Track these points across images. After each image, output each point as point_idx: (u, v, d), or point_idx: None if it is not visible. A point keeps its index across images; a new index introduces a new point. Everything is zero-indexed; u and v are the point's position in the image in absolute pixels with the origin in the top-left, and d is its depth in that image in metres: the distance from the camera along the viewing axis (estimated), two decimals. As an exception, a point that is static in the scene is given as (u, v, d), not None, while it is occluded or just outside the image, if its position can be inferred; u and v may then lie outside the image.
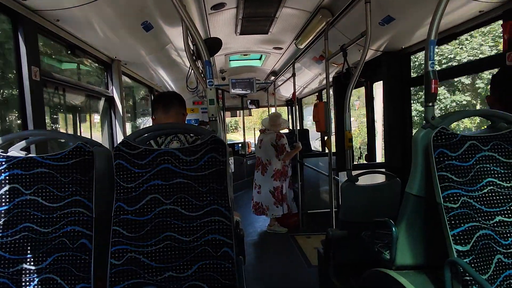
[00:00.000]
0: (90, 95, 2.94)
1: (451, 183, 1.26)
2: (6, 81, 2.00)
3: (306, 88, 6.04)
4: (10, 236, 1.20)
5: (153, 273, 1.22)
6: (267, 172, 4.59)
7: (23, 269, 1.18)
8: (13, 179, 1.24)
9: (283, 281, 3.17)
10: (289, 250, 3.97)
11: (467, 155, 1.30)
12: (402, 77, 3.11)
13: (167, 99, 1.89)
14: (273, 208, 4.56)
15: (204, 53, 1.63)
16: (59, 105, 2.58)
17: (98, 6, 1.96)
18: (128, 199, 1.27)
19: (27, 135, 1.42)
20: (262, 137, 4.75)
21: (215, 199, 1.29)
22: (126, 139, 1.33)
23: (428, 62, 1.40)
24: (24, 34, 1.82)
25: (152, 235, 1.25)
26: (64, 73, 2.58)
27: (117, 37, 2.61)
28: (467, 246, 1.21)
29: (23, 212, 1.22)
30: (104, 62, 2.93)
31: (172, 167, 1.31)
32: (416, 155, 1.42)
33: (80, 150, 1.28)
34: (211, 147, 1.32)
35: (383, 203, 2.39)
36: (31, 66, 1.83)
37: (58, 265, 1.19)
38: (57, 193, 1.24)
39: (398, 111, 3.12)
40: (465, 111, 1.57)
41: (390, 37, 2.79)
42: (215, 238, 1.26)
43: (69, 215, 1.23)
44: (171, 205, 1.28)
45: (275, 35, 3.90)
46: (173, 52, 3.56)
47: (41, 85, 1.92)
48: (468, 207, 1.25)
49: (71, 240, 1.21)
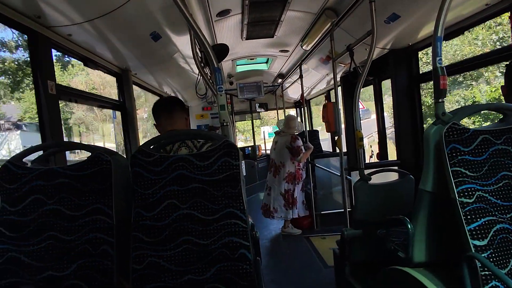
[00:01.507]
0: (103, 105, 3.01)
1: (465, 178, 1.26)
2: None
3: (314, 89, 6.04)
4: (36, 244, 1.25)
5: (173, 276, 1.25)
6: (280, 174, 4.59)
7: (49, 276, 1.22)
8: (36, 190, 1.29)
9: (300, 282, 3.17)
10: (305, 251, 3.96)
11: (480, 149, 1.30)
12: (411, 74, 3.09)
13: (168, 105, 1.88)
14: (282, 211, 4.54)
15: (213, 59, 1.66)
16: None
17: (108, 20, 2.02)
18: (146, 205, 1.31)
19: (47, 147, 1.47)
20: (277, 139, 4.76)
21: (230, 203, 1.32)
22: (141, 147, 1.37)
23: (436, 59, 1.41)
24: (39, 50, 1.89)
25: (170, 239, 1.28)
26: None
27: (127, 48, 2.67)
28: (484, 241, 1.20)
29: (47, 221, 1.27)
30: (115, 73, 3.00)
31: (187, 172, 1.34)
32: (428, 151, 1.42)
33: (98, 160, 1.32)
34: (224, 151, 1.35)
35: (397, 201, 2.37)
36: (47, 80, 1.90)
37: (82, 271, 1.23)
38: (78, 202, 1.29)
39: (408, 108, 3.11)
40: (476, 106, 1.56)
41: (397, 34, 2.79)
42: (232, 240, 1.28)
43: (90, 222, 1.27)
44: (188, 210, 1.31)
45: (280, 38, 3.92)
46: (181, 60, 3.62)
47: (57, 98, 1.99)
48: (483, 201, 1.25)
49: (93, 247, 1.25)
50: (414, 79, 3.09)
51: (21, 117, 13.69)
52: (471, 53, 8.51)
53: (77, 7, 1.84)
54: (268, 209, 4.67)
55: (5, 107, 13.48)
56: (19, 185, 1.30)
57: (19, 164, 1.33)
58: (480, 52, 7.94)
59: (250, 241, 1.31)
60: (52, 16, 1.84)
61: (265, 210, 4.72)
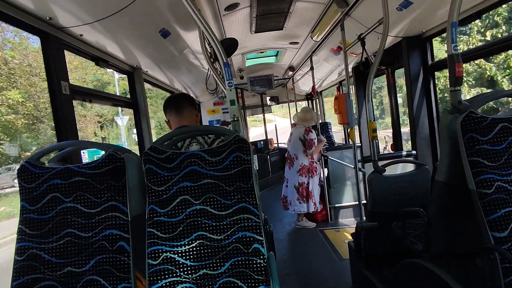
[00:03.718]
0: (115, 104, 3.06)
1: (484, 168, 1.22)
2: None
3: (325, 81, 5.97)
4: (55, 241, 1.29)
5: (188, 271, 1.27)
6: (294, 167, 4.58)
7: (69, 272, 1.26)
8: (54, 188, 1.32)
9: (316, 275, 3.17)
10: (319, 244, 3.96)
11: (499, 138, 1.26)
12: (425, 62, 3.01)
13: (178, 101, 1.88)
14: (295, 204, 4.53)
15: (222, 55, 1.66)
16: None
17: (117, 18, 2.03)
18: (160, 202, 1.33)
19: (61, 146, 1.50)
20: (292, 131, 4.75)
21: (243, 197, 1.32)
22: (154, 144, 1.38)
23: (451, 45, 1.36)
24: (52, 51, 1.92)
25: (184, 235, 1.30)
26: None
27: (137, 46, 2.69)
28: (504, 232, 1.17)
29: (65, 219, 1.30)
30: (126, 71, 3.03)
31: (199, 168, 1.35)
32: (444, 141, 1.38)
33: (112, 158, 1.34)
34: (235, 146, 1.35)
35: (412, 193, 2.33)
36: (61, 81, 1.93)
37: (100, 267, 1.26)
38: (94, 199, 1.32)
39: (422, 97, 3.03)
40: (493, 93, 1.50)
41: (410, 21, 2.71)
42: (245, 235, 1.29)
43: (106, 219, 1.30)
44: (201, 205, 1.32)
45: (290, 30, 3.88)
46: (191, 56, 3.62)
47: (71, 98, 2.03)
48: (503, 192, 1.21)
49: (110, 243, 1.27)
50: (428, 67, 3.01)
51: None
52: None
53: (87, 7, 1.86)
54: (286, 201, 4.69)
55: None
56: (37, 184, 1.33)
57: (36, 163, 1.36)
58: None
59: (264, 236, 1.31)
60: (64, 17, 1.87)
61: (284, 202, 4.74)
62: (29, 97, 11.79)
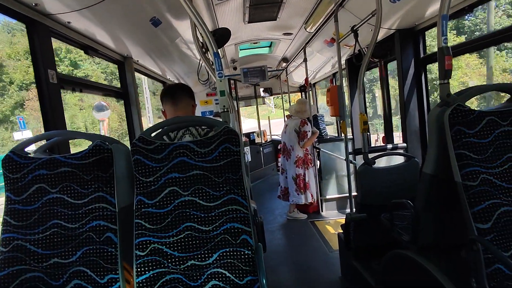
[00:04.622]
0: (105, 94, 3.01)
1: (470, 161, 1.24)
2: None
3: (319, 73, 5.95)
4: (41, 232, 1.27)
5: (176, 262, 1.27)
6: (291, 158, 4.62)
7: (55, 263, 1.25)
8: (39, 179, 1.31)
9: (306, 266, 3.21)
10: (310, 235, 4.00)
11: (486, 131, 1.27)
12: (417, 55, 3.01)
13: (175, 91, 1.86)
14: (294, 195, 4.58)
15: (212, 45, 1.63)
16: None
17: (107, 6, 1.98)
18: (148, 193, 1.32)
19: (48, 136, 1.48)
20: (287, 123, 4.77)
21: (232, 189, 1.32)
22: (142, 135, 1.37)
23: (441, 38, 1.36)
24: (39, 39, 1.87)
25: (173, 226, 1.30)
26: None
27: (127, 35, 2.64)
28: (488, 224, 1.19)
29: (51, 210, 1.29)
30: (117, 60, 2.98)
31: (187, 159, 1.34)
32: (432, 134, 1.39)
33: (99, 148, 1.32)
34: (224, 138, 1.34)
35: (402, 185, 2.36)
36: (47, 69, 1.89)
37: (87, 258, 1.25)
38: (81, 190, 1.30)
39: (414, 90, 3.05)
40: (482, 86, 1.51)
41: (402, 14, 2.70)
42: (234, 226, 1.29)
43: (93, 210, 1.29)
44: (189, 197, 1.32)
45: (284, 20, 3.84)
46: (183, 46, 3.57)
47: (58, 87, 1.99)
48: (488, 184, 1.23)
49: (97, 234, 1.27)
50: (420, 60, 3.01)
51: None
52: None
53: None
54: (287, 193, 4.71)
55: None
56: (22, 175, 1.31)
57: (21, 153, 1.34)
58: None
59: (252, 227, 1.32)
60: (50, 3, 1.82)
61: (284, 194, 4.76)
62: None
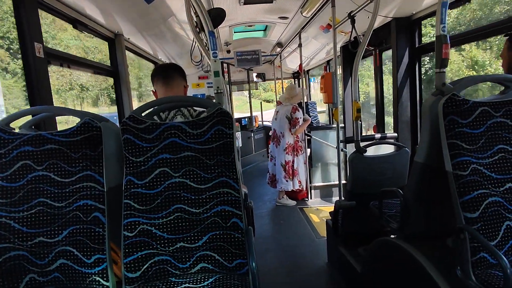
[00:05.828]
0: (95, 71, 2.92)
1: (461, 150, 1.24)
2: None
3: (313, 60, 5.90)
4: (26, 210, 1.24)
5: (165, 244, 1.26)
6: (280, 145, 4.59)
7: (40, 242, 1.22)
8: (24, 155, 1.26)
9: (293, 251, 3.26)
10: (298, 222, 4.04)
11: (479, 121, 1.27)
12: (413, 45, 3.00)
13: (167, 71, 1.81)
14: (282, 181, 4.59)
15: (208, 24, 1.58)
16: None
17: None
18: (137, 173, 1.29)
19: (34, 112, 1.43)
20: (278, 109, 4.72)
21: (223, 172, 1.30)
22: (132, 113, 1.33)
23: (439, 26, 1.35)
24: (25, 10, 1.78)
25: (162, 207, 1.28)
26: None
27: (118, 10, 2.54)
28: (475, 213, 1.20)
29: (37, 188, 1.25)
30: (107, 37, 2.88)
31: (179, 140, 1.31)
32: (426, 123, 1.39)
33: (88, 126, 1.28)
34: (217, 119, 1.31)
35: (391, 174, 2.38)
36: (34, 42, 1.81)
37: (73, 237, 1.23)
38: (68, 168, 1.27)
39: (407, 80, 3.05)
40: (477, 77, 1.51)
41: (400, 2, 2.67)
42: (224, 209, 1.28)
43: (81, 189, 1.26)
44: (180, 178, 1.30)
45: (280, 3, 3.76)
46: (176, 25, 3.47)
47: (45, 61, 1.91)
48: (478, 174, 1.24)
49: (84, 214, 1.24)
50: (415, 50, 3.00)
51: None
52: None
53: None
54: (275, 180, 4.72)
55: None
56: (6, 151, 1.26)
57: (5, 129, 1.29)
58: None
59: (243, 210, 1.31)
60: None
61: (273, 181, 4.77)
62: None
